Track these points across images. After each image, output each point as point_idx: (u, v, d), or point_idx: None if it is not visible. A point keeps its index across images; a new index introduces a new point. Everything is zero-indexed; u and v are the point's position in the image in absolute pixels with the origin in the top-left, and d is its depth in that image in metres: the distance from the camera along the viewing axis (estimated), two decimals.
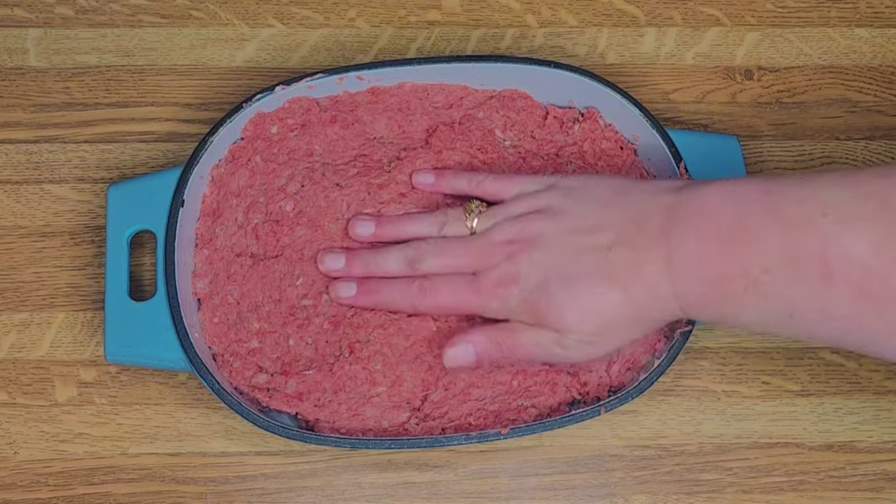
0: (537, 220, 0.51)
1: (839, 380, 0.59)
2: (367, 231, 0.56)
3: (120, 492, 0.55)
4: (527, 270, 0.50)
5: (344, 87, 0.60)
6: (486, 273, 0.52)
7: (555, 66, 0.59)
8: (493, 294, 0.51)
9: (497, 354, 0.52)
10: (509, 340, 0.52)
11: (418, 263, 0.54)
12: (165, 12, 0.66)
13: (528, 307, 0.50)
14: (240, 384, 0.55)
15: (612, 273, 0.48)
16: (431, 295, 0.53)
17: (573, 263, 0.49)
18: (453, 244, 0.53)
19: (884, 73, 0.66)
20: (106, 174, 0.62)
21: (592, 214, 0.50)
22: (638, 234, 0.48)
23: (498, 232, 0.52)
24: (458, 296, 0.53)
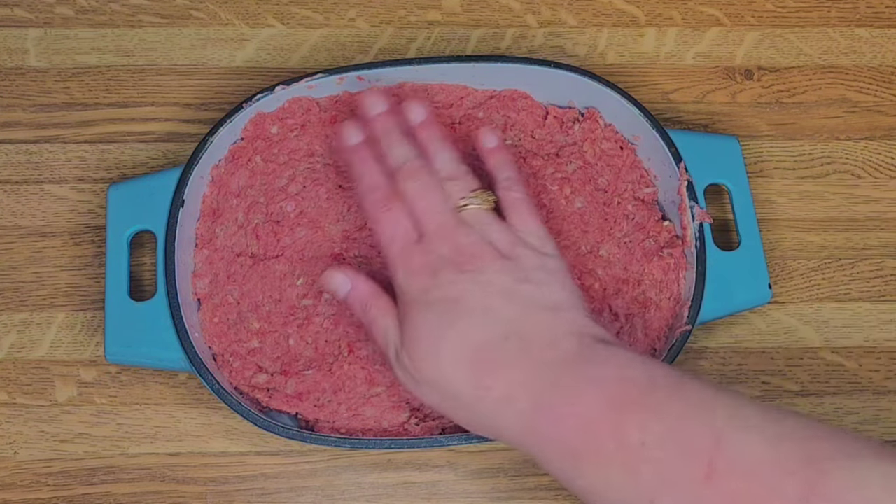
0: (496, 261, 0.48)
1: (839, 380, 0.59)
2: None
3: (120, 492, 0.55)
4: (446, 281, 0.47)
5: (344, 87, 0.60)
6: (422, 248, 0.49)
7: (555, 66, 0.59)
8: (409, 268, 0.49)
9: (359, 313, 0.51)
10: (374, 316, 0.50)
11: (402, 174, 0.51)
12: (165, 12, 0.66)
13: (412, 305, 0.48)
14: (240, 384, 0.55)
15: (491, 351, 0.46)
16: (381, 213, 0.50)
17: (475, 313, 0.47)
18: (434, 193, 0.50)
19: (884, 73, 0.66)
20: (106, 174, 0.62)
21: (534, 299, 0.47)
22: (540, 347, 0.45)
23: (464, 235, 0.49)
24: (393, 238, 0.50)
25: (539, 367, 0.45)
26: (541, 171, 0.59)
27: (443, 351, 0.46)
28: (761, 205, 0.62)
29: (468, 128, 0.60)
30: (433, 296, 0.48)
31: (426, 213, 0.50)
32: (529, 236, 0.50)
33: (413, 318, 0.48)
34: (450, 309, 0.47)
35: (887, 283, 0.61)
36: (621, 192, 0.59)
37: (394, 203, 0.50)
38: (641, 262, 0.57)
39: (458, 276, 0.48)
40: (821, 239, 0.62)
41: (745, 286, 0.57)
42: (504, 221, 0.51)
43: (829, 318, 0.60)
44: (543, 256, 0.49)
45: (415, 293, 0.48)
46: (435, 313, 0.47)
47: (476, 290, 0.47)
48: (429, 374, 0.47)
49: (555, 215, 0.58)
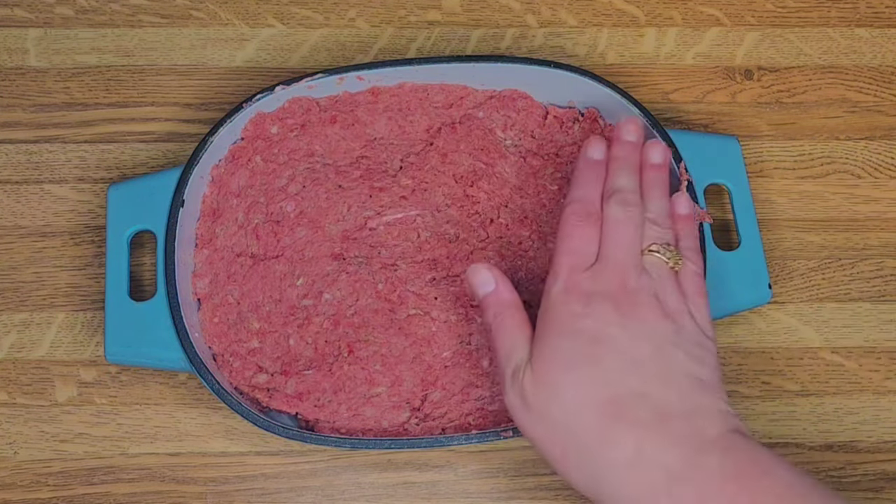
0: (660, 317, 0.46)
1: (839, 380, 0.59)
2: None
3: (120, 492, 0.55)
4: (599, 315, 0.46)
5: (344, 87, 0.60)
6: (592, 273, 0.48)
7: (555, 66, 0.59)
8: (569, 285, 0.47)
9: (490, 318, 0.49)
10: (506, 325, 0.48)
11: (614, 200, 0.50)
12: (165, 12, 0.66)
13: (557, 325, 0.46)
14: (240, 384, 0.55)
15: (628, 405, 0.44)
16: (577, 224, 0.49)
17: (623, 359, 0.45)
18: (633, 230, 0.49)
19: (884, 73, 0.66)
20: (106, 174, 0.62)
21: (684, 370, 0.45)
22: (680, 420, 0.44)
23: (640, 280, 0.47)
24: (571, 250, 0.48)
25: (678, 441, 0.43)
26: (541, 171, 0.59)
27: (574, 386, 0.44)
28: (761, 205, 0.62)
29: (468, 128, 0.60)
30: (581, 325, 0.46)
31: (615, 245, 0.48)
32: (696, 312, 0.48)
33: (551, 340, 0.46)
34: (595, 345, 0.45)
35: (887, 283, 0.61)
36: None
37: (593, 221, 0.49)
38: None
39: (615, 315, 0.46)
40: (821, 239, 0.62)
41: (745, 286, 0.57)
42: (678, 285, 0.49)
43: (829, 318, 0.60)
44: (703, 335, 0.47)
45: (562, 314, 0.46)
46: (577, 344, 0.45)
47: (628, 336, 0.45)
48: (548, 406, 0.45)
49: (555, 215, 0.58)
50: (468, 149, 0.59)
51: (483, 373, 0.55)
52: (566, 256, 0.48)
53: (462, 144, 0.59)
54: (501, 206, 0.58)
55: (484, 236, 0.58)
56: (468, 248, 0.57)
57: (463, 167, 0.59)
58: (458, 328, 0.55)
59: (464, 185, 0.59)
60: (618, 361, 0.45)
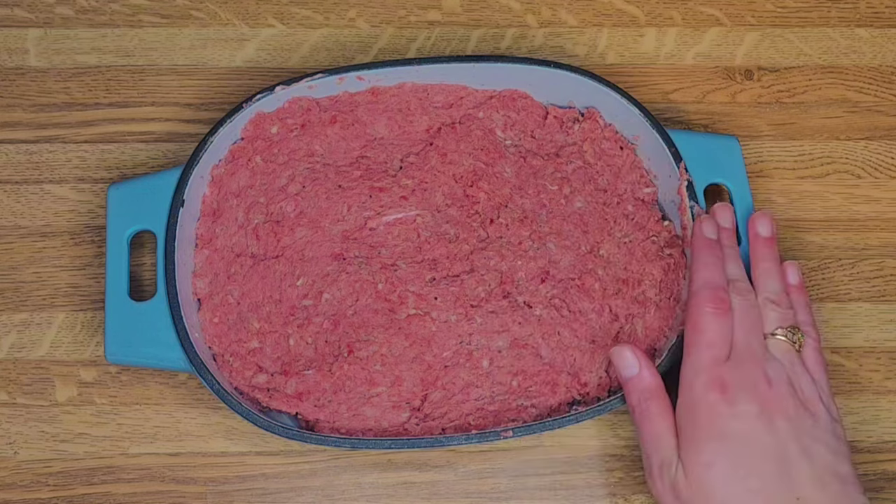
0: (798, 409, 0.48)
1: (839, 380, 0.58)
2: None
3: (120, 492, 0.55)
4: (745, 412, 0.47)
5: (344, 87, 0.60)
6: (731, 365, 0.49)
7: (555, 66, 0.59)
8: (714, 379, 0.48)
9: (634, 402, 0.50)
10: (652, 414, 0.49)
11: (736, 288, 0.51)
12: (165, 12, 0.66)
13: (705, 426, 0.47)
14: (240, 384, 0.55)
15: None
16: (714, 314, 0.50)
17: (769, 462, 0.46)
18: (756, 315, 0.51)
19: (884, 73, 0.66)
20: (106, 174, 0.62)
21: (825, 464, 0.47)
22: None
23: (773, 368, 0.49)
24: (710, 343, 0.49)
25: None
26: (541, 171, 0.59)
27: (727, 490, 0.46)
28: (761, 205, 0.62)
29: (468, 128, 0.60)
30: (730, 428, 0.47)
31: (744, 332, 0.50)
32: (823, 394, 0.50)
33: (699, 442, 0.47)
34: (743, 447, 0.47)
35: (887, 283, 0.61)
36: (621, 192, 0.59)
37: (726, 310, 0.50)
38: (641, 262, 0.57)
39: (760, 413, 0.47)
40: (821, 239, 0.62)
41: None
42: (804, 367, 0.50)
43: (829, 318, 0.60)
44: (834, 422, 0.49)
45: (708, 415, 0.47)
46: (728, 447, 0.47)
47: (775, 436, 0.47)
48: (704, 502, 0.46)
49: (554, 215, 0.58)
50: (468, 149, 0.59)
51: (483, 373, 0.55)
52: (705, 349, 0.49)
53: (462, 144, 0.59)
54: (501, 206, 0.58)
55: (484, 236, 0.58)
56: (468, 248, 0.57)
57: (463, 167, 0.59)
58: (458, 328, 0.55)
59: (464, 184, 0.59)
60: (769, 466, 0.46)
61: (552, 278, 0.57)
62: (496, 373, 0.55)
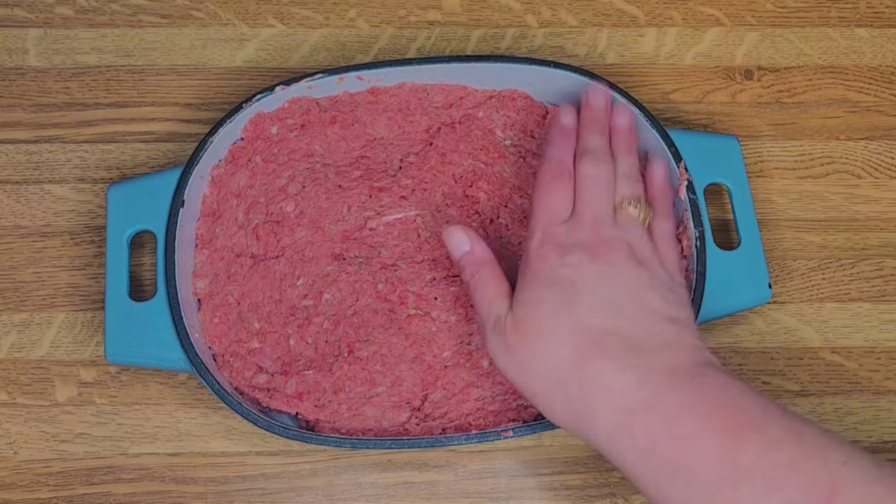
0: (632, 263, 0.48)
1: (839, 380, 0.59)
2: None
3: (120, 492, 0.55)
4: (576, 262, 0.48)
5: (344, 87, 0.60)
6: (567, 226, 0.49)
7: (555, 66, 0.59)
8: (545, 238, 0.49)
9: (467, 276, 0.51)
10: (484, 281, 0.50)
11: (585, 159, 0.52)
12: (165, 12, 0.66)
13: (535, 276, 0.48)
14: (240, 384, 0.55)
15: (603, 340, 0.45)
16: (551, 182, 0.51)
17: (596, 300, 0.46)
18: (605, 187, 0.51)
19: (884, 73, 0.66)
20: (106, 174, 0.62)
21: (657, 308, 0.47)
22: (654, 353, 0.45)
23: (613, 232, 0.49)
24: (548, 208, 0.50)
25: (650, 371, 0.44)
26: None
27: (554, 329, 0.46)
28: (761, 205, 0.62)
29: (468, 127, 0.60)
30: (558, 273, 0.47)
31: (589, 200, 0.51)
32: (666, 261, 0.51)
33: (530, 290, 0.48)
34: (572, 290, 0.47)
35: (887, 283, 0.61)
36: None
37: (566, 179, 0.51)
38: None
39: (590, 261, 0.48)
40: (821, 239, 0.62)
41: (745, 286, 0.57)
42: (650, 237, 0.51)
43: (829, 318, 0.60)
44: (674, 283, 0.50)
45: (540, 265, 0.48)
46: (555, 291, 0.47)
47: (603, 280, 0.47)
48: (530, 350, 0.46)
49: None
50: (468, 149, 0.59)
51: (483, 373, 0.55)
52: (542, 213, 0.50)
53: (462, 144, 0.59)
54: (501, 206, 0.58)
55: (484, 236, 0.58)
56: None
57: (463, 167, 0.59)
58: (458, 328, 0.55)
59: (463, 185, 0.59)
60: (594, 303, 0.46)
61: None
62: (496, 373, 0.55)
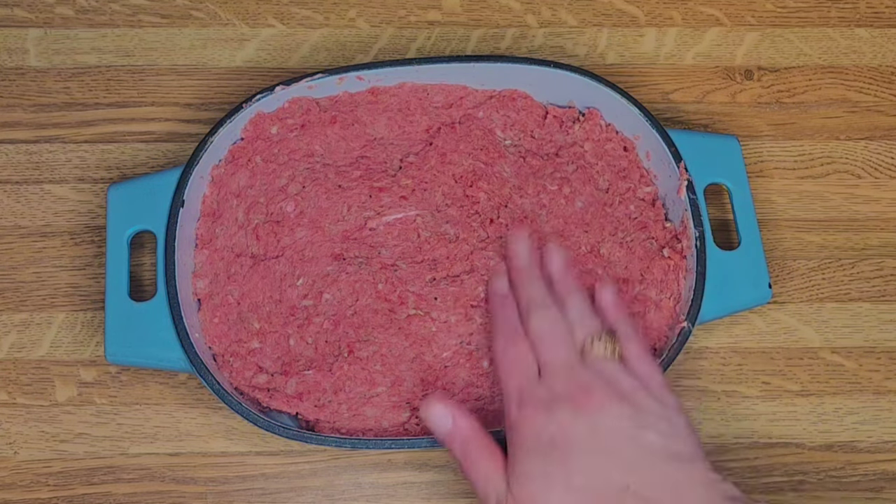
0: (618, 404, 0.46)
1: (839, 380, 0.59)
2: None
3: (120, 492, 0.55)
4: (561, 419, 0.45)
5: (344, 87, 0.60)
6: (541, 383, 0.47)
7: (555, 66, 0.59)
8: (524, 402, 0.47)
9: (458, 452, 0.48)
10: (476, 457, 0.47)
11: (532, 313, 0.50)
12: (165, 12, 0.66)
13: (524, 446, 0.45)
14: (240, 384, 0.55)
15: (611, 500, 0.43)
16: (507, 347, 0.49)
17: (591, 463, 0.44)
18: (560, 333, 0.49)
19: (884, 73, 0.66)
20: (106, 174, 0.62)
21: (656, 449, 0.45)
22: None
23: (588, 375, 0.47)
24: (512, 371, 0.48)
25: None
26: (540, 170, 0.59)
27: (553, 495, 0.44)
28: (761, 205, 0.62)
29: (468, 128, 0.60)
30: (547, 435, 0.45)
31: (551, 350, 0.49)
32: (654, 388, 0.48)
33: (523, 463, 0.45)
34: (564, 451, 0.44)
35: (887, 283, 0.61)
36: (622, 191, 0.59)
37: (520, 339, 0.49)
38: (642, 262, 0.57)
39: (575, 415, 0.45)
40: (821, 239, 0.62)
41: (745, 286, 0.57)
42: (626, 368, 0.49)
43: (829, 318, 0.60)
44: (666, 408, 0.47)
45: (526, 432, 0.46)
46: (547, 457, 0.45)
47: (593, 434, 0.45)
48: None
49: (555, 215, 0.58)
50: (468, 149, 0.59)
51: (483, 373, 0.55)
52: (511, 376, 0.48)
53: (462, 144, 0.59)
54: (501, 206, 0.58)
55: (484, 236, 0.58)
56: (468, 248, 0.57)
57: (462, 167, 0.59)
58: (458, 328, 0.55)
59: (463, 184, 0.59)
60: (592, 460, 0.44)
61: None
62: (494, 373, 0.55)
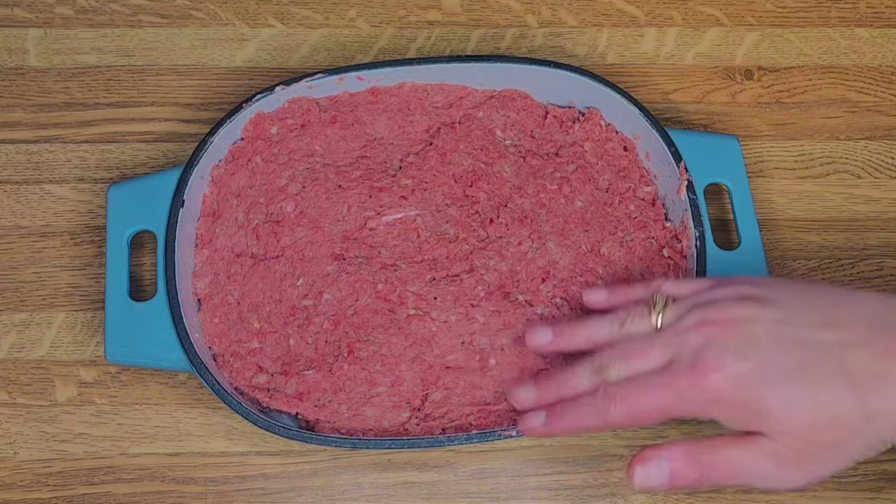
0: (743, 306, 0.44)
1: None
2: (545, 339, 0.51)
3: (120, 492, 0.55)
4: (734, 352, 0.43)
5: (344, 87, 0.60)
6: (678, 361, 0.44)
7: (555, 66, 0.59)
8: (691, 384, 0.43)
9: (695, 475, 0.44)
10: (712, 457, 0.44)
11: (605, 371, 0.47)
12: (165, 12, 0.66)
13: (737, 400, 0.43)
14: (240, 384, 0.55)
15: (848, 374, 0.42)
16: (619, 402, 0.45)
17: (797, 356, 0.42)
18: (640, 343, 0.47)
19: (884, 73, 0.66)
20: (106, 174, 0.62)
21: (815, 311, 0.44)
22: (880, 339, 0.42)
23: (692, 317, 0.45)
24: (648, 395, 0.45)
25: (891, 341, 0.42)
26: (540, 170, 0.59)
27: (814, 396, 0.42)
28: (761, 205, 0.62)
29: (468, 127, 0.60)
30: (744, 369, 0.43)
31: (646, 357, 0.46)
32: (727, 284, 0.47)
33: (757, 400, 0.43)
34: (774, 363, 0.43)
35: (887, 283, 0.61)
36: (622, 191, 0.59)
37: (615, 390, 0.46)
38: (642, 262, 0.57)
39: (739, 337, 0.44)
40: (821, 239, 0.62)
41: None
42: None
43: None
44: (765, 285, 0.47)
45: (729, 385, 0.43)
46: (774, 377, 0.42)
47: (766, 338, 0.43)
48: (817, 436, 0.42)
49: (555, 214, 0.58)
50: (468, 149, 0.59)
51: (484, 373, 0.55)
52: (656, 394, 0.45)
53: (462, 144, 0.59)
54: (501, 205, 0.58)
55: (484, 236, 0.58)
56: (468, 248, 0.57)
57: (462, 167, 0.59)
58: (458, 328, 0.55)
59: (463, 184, 0.59)
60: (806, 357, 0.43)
61: (553, 277, 0.57)
62: (497, 372, 0.55)
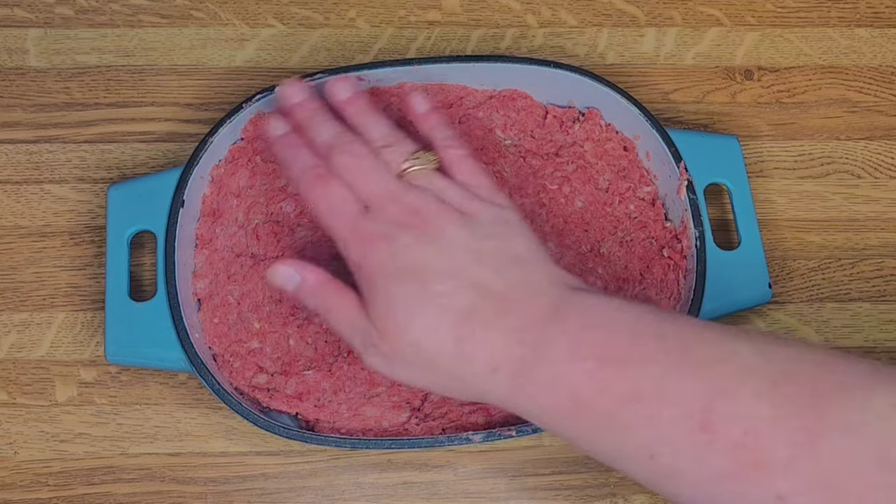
0: (454, 219, 0.46)
1: None
2: (344, 95, 0.52)
3: (120, 492, 0.55)
4: (404, 246, 0.45)
5: None
6: (371, 217, 0.46)
7: (555, 66, 0.59)
8: (361, 239, 0.46)
9: (314, 305, 0.48)
10: (331, 304, 0.47)
11: (333, 151, 0.49)
12: (165, 12, 0.66)
13: (376, 279, 0.45)
14: (240, 384, 0.55)
15: (469, 316, 0.44)
16: (317, 189, 0.48)
17: (445, 277, 0.44)
18: (371, 162, 0.48)
19: (884, 73, 0.66)
20: (106, 174, 0.62)
21: (500, 254, 0.45)
22: (516, 304, 0.44)
23: (415, 196, 0.47)
24: (334, 211, 0.47)
25: (518, 329, 0.43)
26: (540, 170, 0.59)
27: (418, 321, 0.44)
28: (761, 205, 0.62)
29: (468, 127, 0.60)
30: (394, 265, 0.45)
31: (367, 184, 0.47)
32: (480, 190, 0.48)
33: (378, 294, 0.45)
34: (416, 276, 0.44)
35: (887, 283, 0.61)
36: (622, 191, 0.59)
37: (329, 177, 0.48)
38: (642, 262, 0.57)
39: (417, 240, 0.45)
40: (821, 239, 0.62)
41: (745, 286, 0.57)
42: (451, 179, 0.49)
43: (829, 318, 0.60)
44: (498, 208, 0.48)
45: (373, 266, 0.45)
46: (402, 283, 0.44)
47: (440, 252, 0.45)
48: (405, 350, 0.44)
49: (555, 214, 0.58)
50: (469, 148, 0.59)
51: None
52: (332, 219, 0.47)
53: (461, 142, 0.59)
54: None
55: None
56: None
57: None
58: None
59: None
60: (444, 279, 0.44)
61: None
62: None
